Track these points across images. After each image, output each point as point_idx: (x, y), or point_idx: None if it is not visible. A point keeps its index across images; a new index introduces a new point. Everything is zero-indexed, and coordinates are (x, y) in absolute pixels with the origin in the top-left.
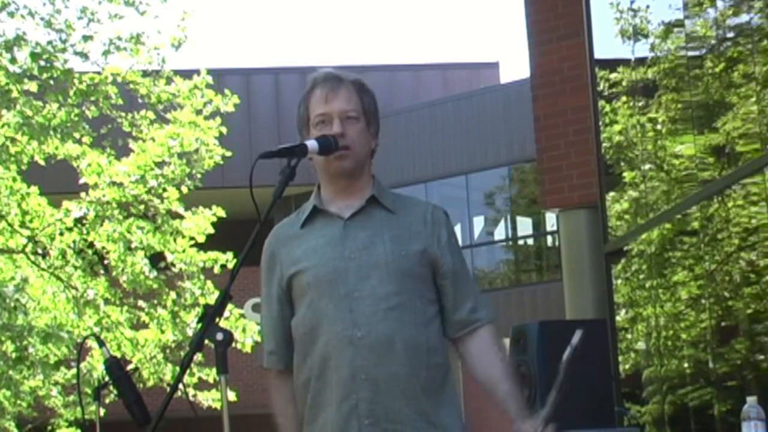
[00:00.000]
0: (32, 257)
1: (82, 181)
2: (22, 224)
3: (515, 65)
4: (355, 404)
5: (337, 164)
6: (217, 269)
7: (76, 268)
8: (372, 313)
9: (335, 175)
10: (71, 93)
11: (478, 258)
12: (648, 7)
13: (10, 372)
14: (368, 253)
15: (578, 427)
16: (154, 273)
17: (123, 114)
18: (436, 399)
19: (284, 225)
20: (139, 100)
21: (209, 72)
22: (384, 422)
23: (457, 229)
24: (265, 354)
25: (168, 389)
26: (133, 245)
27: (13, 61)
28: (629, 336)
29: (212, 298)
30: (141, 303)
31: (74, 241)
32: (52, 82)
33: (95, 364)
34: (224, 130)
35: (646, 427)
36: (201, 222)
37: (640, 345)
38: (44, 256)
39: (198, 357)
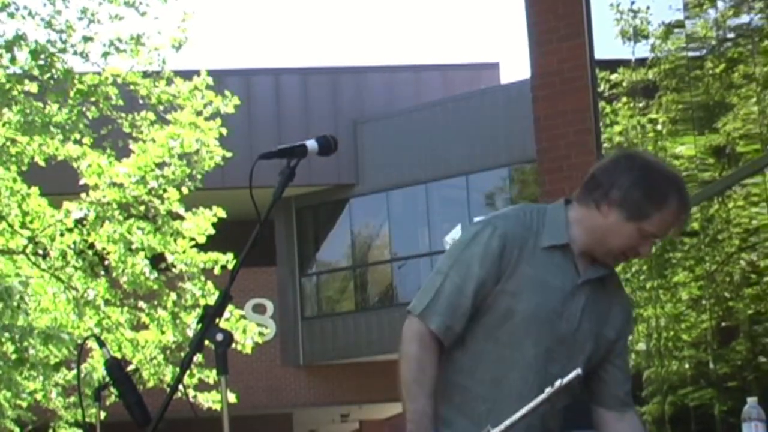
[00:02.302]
0: (33, 258)
1: (82, 182)
2: (23, 225)
3: (515, 66)
4: None
5: (612, 264)
6: (217, 270)
7: (76, 269)
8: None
9: (606, 262)
10: (71, 93)
11: None
12: (648, 8)
13: (11, 373)
14: (579, 327)
15: (579, 428)
16: (155, 274)
17: (123, 115)
18: None
19: (524, 224)
20: (140, 101)
21: (209, 73)
22: None
23: (458, 230)
24: (437, 316)
25: (168, 390)
26: (133, 246)
27: (13, 61)
28: (630, 337)
29: (213, 299)
30: (141, 304)
31: (75, 242)
32: (52, 82)
33: (96, 365)
34: (224, 131)
35: (646, 427)
36: (201, 223)
37: (641, 346)
38: (45, 256)
39: (198, 358)
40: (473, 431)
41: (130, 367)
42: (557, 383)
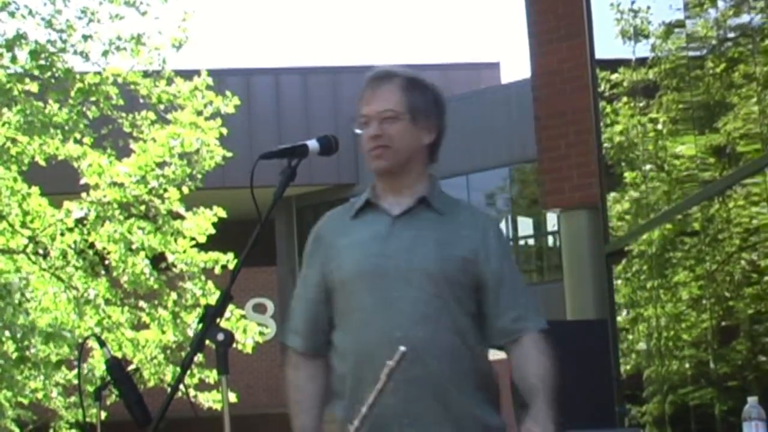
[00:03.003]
0: (33, 257)
1: (82, 181)
2: (23, 225)
3: (516, 65)
4: (393, 403)
5: (374, 164)
6: (217, 270)
7: (77, 268)
8: (410, 316)
9: (375, 173)
10: (72, 93)
11: None
12: (649, 7)
13: (12, 372)
14: (411, 254)
15: (579, 427)
16: (155, 274)
17: (124, 114)
18: (473, 402)
19: (336, 212)
20: (140, 101)
21: (210, 73)
22: (423, 422)
23: None
24: (291, 334)
25: (169, 390)
26: (133, 246)
27: (13, 60)
28: (630, 336)
29: (213, 298)
30: (142, 303)
31: (75, 242)
32: (53, 81)
33: (96, 365)
34: (225, 130)
35: (646, 427)
36: (202, 222)
37: (641, 345)
38: (45, 256)
39: (199, 358)
40: (345, 405)
41: (131, 367)
42: (386, 367)
